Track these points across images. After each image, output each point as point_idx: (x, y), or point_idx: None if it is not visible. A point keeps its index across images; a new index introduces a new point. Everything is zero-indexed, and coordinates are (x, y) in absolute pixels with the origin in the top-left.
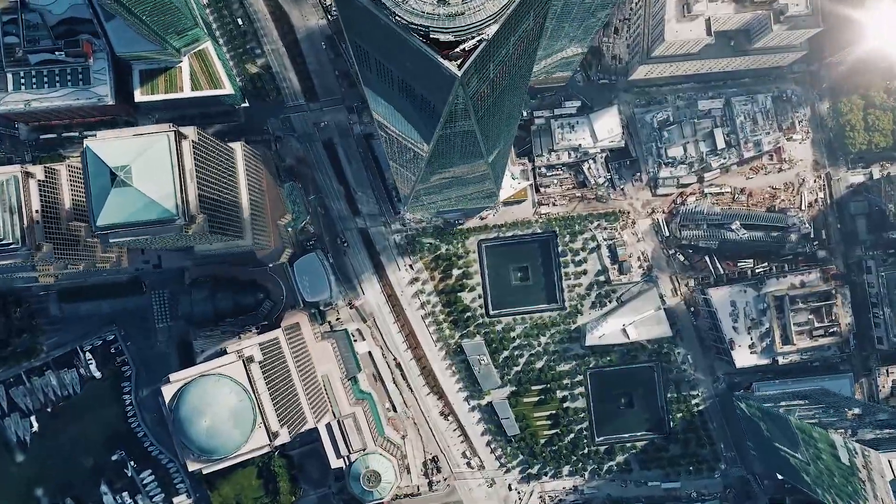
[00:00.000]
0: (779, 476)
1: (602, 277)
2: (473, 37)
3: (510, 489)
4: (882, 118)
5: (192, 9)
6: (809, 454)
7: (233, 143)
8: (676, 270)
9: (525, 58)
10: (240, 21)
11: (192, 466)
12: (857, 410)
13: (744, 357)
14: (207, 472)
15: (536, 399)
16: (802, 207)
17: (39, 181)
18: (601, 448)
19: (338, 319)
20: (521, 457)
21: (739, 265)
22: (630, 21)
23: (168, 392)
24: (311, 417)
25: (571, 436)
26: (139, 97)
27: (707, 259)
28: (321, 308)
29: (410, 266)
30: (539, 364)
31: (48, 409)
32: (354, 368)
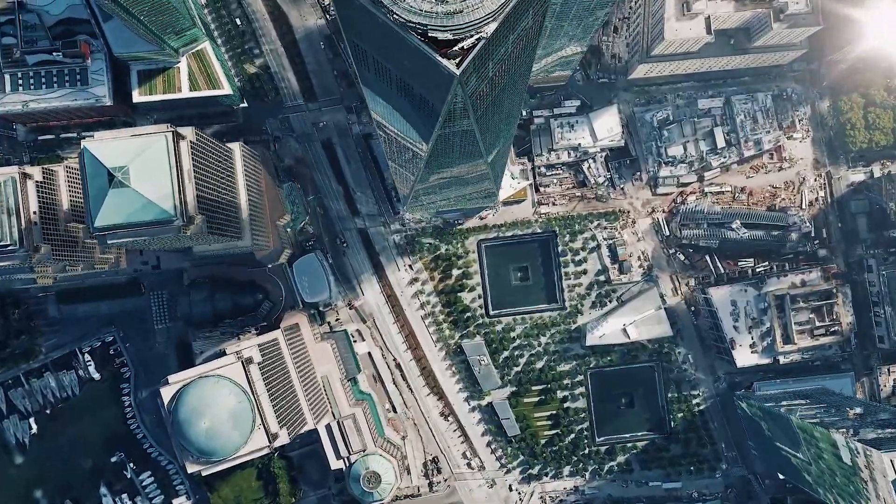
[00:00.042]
0: (780, 476)
1: (602, 277)
2: (472, 35)
3: (511, 490)
4: (882, 116)
5: (191, 9)
6: (811, 454)
7: (231, 144)
8: (677, 270)
9: (524, 56)
10: (238, 21)
11: (192, 468)
12: (859, 410)
13: (745, 356)
14: (207, 474)
15: (537, 399)
16: (803, 206)
17: (37, 182)
18: (602, 448)
19: (337, 320)
20: (522, 457)
21: (740, 264)
22: (629, 20)
23: (167, 394)
24: (311, 418)
25: (572, 436)
26: (137, 98)
27: (707, 258)
28: (320, 309)
29: (410, 266)
30: (539, 364)
31: (47, 411)
32: (354, 369)
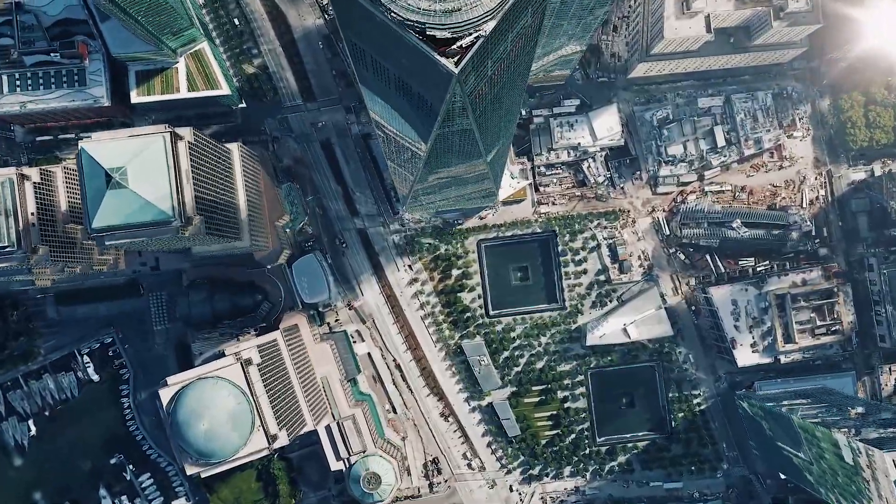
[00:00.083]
0: (781, 475)
1: (602, 277)
2: (470, 33)
3: (511, 490)
4: (883, 115)
5: (188, 9)
6: (812, 453)
7: (230, 144)
8: (677, 269)
9: (523, 55)
10: (236, 21)
11: (191, 470)
12: (861, 409)
13: (745, 356)
14: (206, 476)
15: (537, 399)
16: (803, 205)
17: (35, 183)
18: (602, 448)
19: (337, 321)
20: (522, 458)
21: (740, 263)
22: (629, 18)
23: (165, 395)
24: (311, 420)
25: (572, 436)
26: (135, 98)
27: (708, 257)
28: (320, 309)
29: (409, 266)
30: (539, 364)
31: (46, 413)
32: (354, 370)
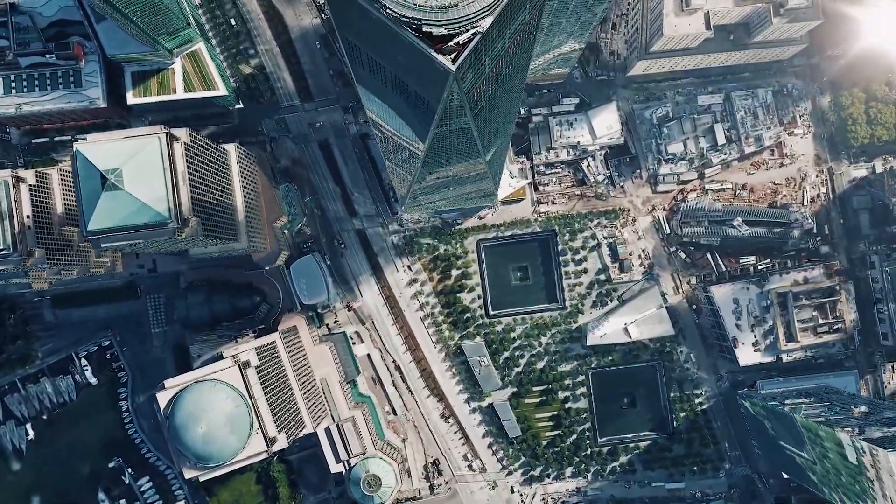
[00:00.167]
0: (784, 475)
1: (603, 276)
2: (467, 30)
3: (512, 492)
4: (884, 111)
5: (185, 9)
6: (815, 453)
7: (227, 145)
8: (678, 268)
9: (522, 52)
10: (233, 21)
11: (189, 474)
12: (864, 408)
13: (747, 355)
14: (205, 479)
15: (538, 400)
16: (805, 203)
17: (31, 186)
18: (604, 449)
19: (336, 322)
20: (523, 459)
21: (742, 262)
22: (628, 16)
23: (163, 398)
24: (310, 422)
25: (574, 437)
26: (132, 99)
27: (709, 256)
28: (319, 311)
29: (409, 267)
30: (540, 364)
31: (44, 417)
32: (353, 371)
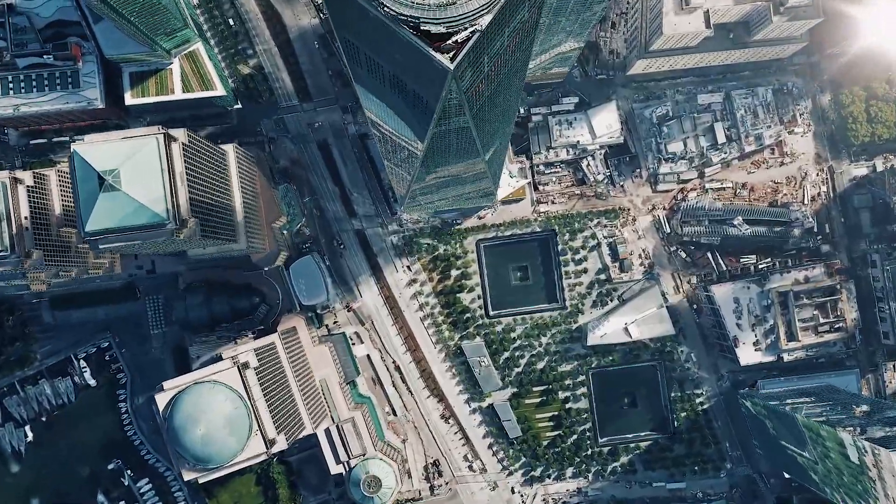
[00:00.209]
0: (786, 475)
1: (603, 276)
2: (466, 28)
3: (513, 492)
4: (885, 110)
5: (182, 9)
6: (817, 453)
7: (225, 146)
8: (678, 267)
9: (521, 51)
10: (231, 21)
11: (188, 475)
12: (866, 407)
13: (748, 354)
14: (205, 481)
15: (538, 400)
16: (805, 202)
17: (28, 187)
18: (605, 449)
19: (335, 323)
20: (524, 459)
21: (742, 261)
22: (627, 15)
23: (162, 400)
24: (310, 423)
25: (574, 437)
26: (129, 100)
27: (709, 255)
28: (318, 311)
29: (408, 267)
30: (540, 365)
31: (43, 419)
32: (353, 372)
